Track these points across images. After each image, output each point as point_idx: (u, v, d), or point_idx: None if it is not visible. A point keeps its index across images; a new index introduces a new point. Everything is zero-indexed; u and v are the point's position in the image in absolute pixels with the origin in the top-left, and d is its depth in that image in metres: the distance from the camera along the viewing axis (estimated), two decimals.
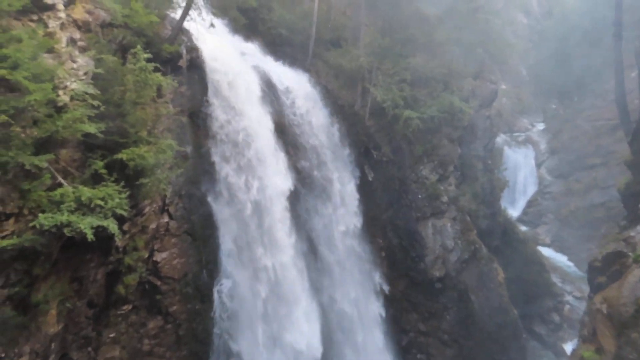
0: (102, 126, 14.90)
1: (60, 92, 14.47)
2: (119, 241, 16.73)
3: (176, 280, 19.39)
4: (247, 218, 22.62)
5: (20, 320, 13.43)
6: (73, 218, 13.12)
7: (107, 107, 15.64)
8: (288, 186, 24.47)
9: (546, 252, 44.33)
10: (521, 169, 55.46)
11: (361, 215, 28.63)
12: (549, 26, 67.66)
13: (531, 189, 54.90)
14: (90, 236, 13.18)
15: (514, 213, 50.07)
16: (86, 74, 15.79)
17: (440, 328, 28.19)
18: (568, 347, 31.93)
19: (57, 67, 14.25)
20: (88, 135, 14.66)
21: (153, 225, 18.88)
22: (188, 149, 20.76)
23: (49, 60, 14.52)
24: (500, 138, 52.14)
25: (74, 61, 15.75)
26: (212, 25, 24.35)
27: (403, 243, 28.96)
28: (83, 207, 13.61)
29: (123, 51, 18.12)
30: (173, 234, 19.70)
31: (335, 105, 29.56)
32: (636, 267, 18.18)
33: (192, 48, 22.04)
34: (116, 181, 15.00)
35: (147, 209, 18.60)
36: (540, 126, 63.54)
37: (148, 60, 16.99)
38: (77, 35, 16.49)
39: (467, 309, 28.24)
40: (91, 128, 14.34)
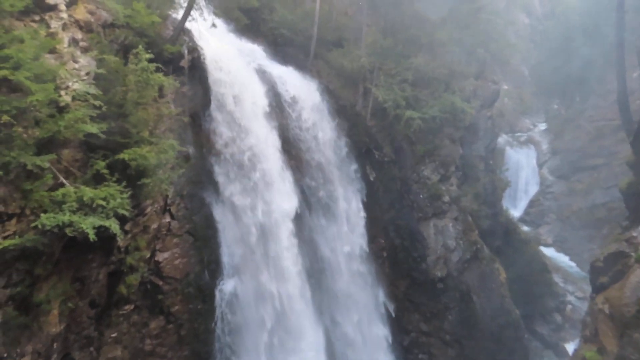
0: (104, 126, 14.92)
1: (62, 93, 14.51)
2: (121, 241, 16.75)
3: (178, 280, 19.41)
4: (253, 245, 22.08)
5: (22, 320, 13.46)
6: (75, 218, 13.14)
7: (109, 108, 15.67)
8: (294, 208, 23.89)
9: (548, 253, 44.27)
10: (523, 169, 55.39)
11: (367, 235, 28.09)
12: (551, 26, 67.57)
13: (533, 189, 54.81)
14: (92, 236, 13.19)
15: (516, 213, 50.03)
16: (88, 74, 15.83)
17: (442, 328, 28.15)
18: (570, 348, 31.84)
19: (59, 68, 14.29)
20: (90, 135, 14.68)
21: (155, 225, 18.89)
22: (190, 149, 20.78)
23: (51, 60, 14.55)
24: (502, 138, 52.13)
25: (76, 61, 15.79)
26: (214, 25, 24.37)
27: (405, 243, 28.93)
28: (85, 207, 13.63)
29: (125, 51, 18.14)
30: (175, 234, 19.72)
31: (338, 107, 29.32)
32: (638, 267, 18.16)
33: (194, 48, 22.05)
34: (118, 181, 15.03)
35: (149, 209, 18.62)
36: (542, 126, 63.46)
37: (150, 60, 17.00)
38: (79, 35, 16.53)
39: (469, 309, 28.20)
40: (93, 128, 14.36)
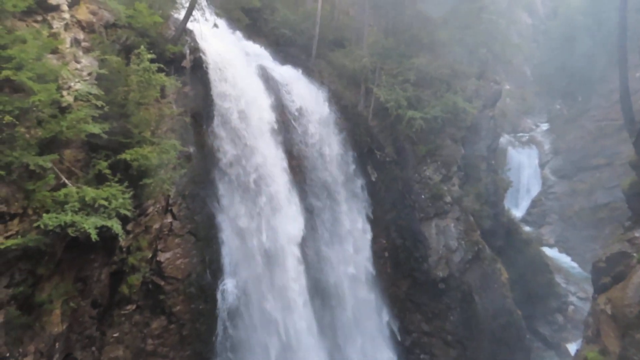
0: (106, 126, 14.95)
1: (64, 93, 14.53)
2: (123, 241, 16.78)
3: (180, 280, 19.42)
4: (260, 275, 21.75)
5: (24, 320, 13.48)
6: (77, 218, 13.16)
7: (111, 108, 15.71)
8: (300, 231, 23.47)
9: (550, 253, 44.16)
10: (525, 169, 55.23)
11: (373, 256, 27.78)
12: (553, 26, 67.40)
13: (535, 190, 54.67)
14: (94, 236, 13.21)
15: (518, 213, 49.91)
16: (90, 75, 15.86)
17: (443, 328, 28.11)
18: (572, 348, 31.76)
19: (61, 68, 14.31)
20: (92, 135, 14.72)
21: (156, 225, 18.92)
22: (191, 149, 20.81)
23: (53, 60, 14.58)
24: (504, 138, 52.00)
25: (78, 62, 15.82)
26: (216, 25, 24.36)
27: (406, 243, 28.90)
28: (87, 207, 13.65)
29: (127, 52, 18.18)
30: (176, 234, 19.73)
31: (340, 107, 29.15)
32: None
33: (196, 49, 22.07)
34: (120, 181, 15.05)
35: (151, 209, 18.64)
36: (544, 126, 63.29)
37: (152, 60, 17.05)
38: (81, 35, 16.56)
39: (471, 310, 28.15)
40: (95, 128, 14.39)
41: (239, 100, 22.56)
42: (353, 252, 27.08)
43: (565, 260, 45.50)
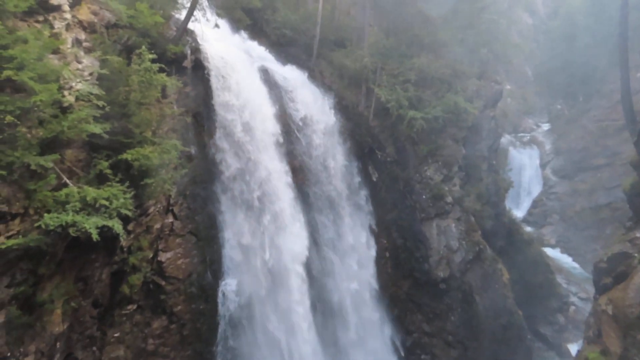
0: (107, 126, 14.97)
1: (65, 93, 14.54)
2: (124, 241, 16.80)
3: (180, 280, 19.43)
4: (264, 298, 21.44)
5: (25, 319, 13.49)
6: (78, 218, 13.17)
7: (112, 108, 15.72)
8: (305, 249, 23.04)
9: (551, 253, 44.12)
10: (526, 170, 55.25)
11: (377, 272, 27.47)
12: (554, 26, 67.34)
13: (536, 190, 54.66)
14: (95, 236, 13.22)
15: (519, 214, 49.87)
16: (91, 75, 15.87)
17: (444, 329, 28.09)
18: (573, 349, 31.75)
19: (63, 68, 14.32)
20: (93, 135, 14.73)
21: (157, 225, 18.93)
22: (192, 149, 20.82)
23: (55, 60, 14.59)
24: (505, 138, 52.01)
25: (79, 62, 15.83)
26: (217, 25, 24.43)
27: (407, 243, 28.88)
28: (88, 207, 13.66)
29: (128, 52, 18.20)
30: (177, 234, 19.74)
31: (341, 106, 29.06)
32: None
33: (197, 48, 22.08)
34: (121, 181, 15.06)
35: (152, 209, 18.66)
36: (545, 126, 63.29)
37: (153, 60, 17.07)
38: (83, 36, 16.58)
39: (472, 310, 28.13)
40: (96, 128, 14.40)
41: (243, 111, 22.04)
42: (357, 268, 26.72)
43: (566, 260, 45.48)
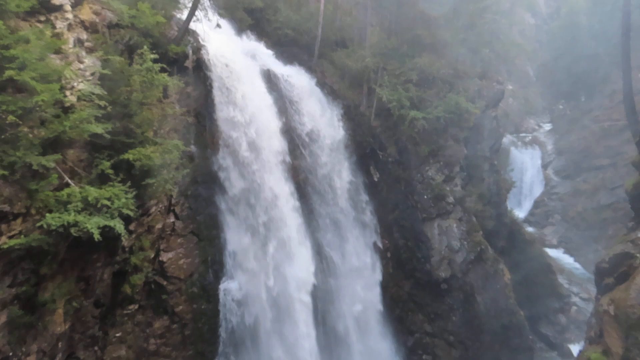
0: (109, 126, 14.99)
1: (67, 93, 14.57)
2: (125, 241, 16.83)
3: (182, 280, 19.46)
4: (268, 331, 21.06)
5: (27, 319, 13.52)
6: (80, 218, 13.19)
7: (114, 108, 15.74)
8: (311, 276, 22.49)
9: (553, 253, 44.00)
10: (528, 170, 55.15)
11: (382, 294, 27.07)
12: (556, 26, 67.10)
13: (538, 190, 54.54)
14: (96, 236, 13.24)
15: (521, 214, 49.74)
16: (93, 75, 15.89)
17: (446, 329, 28.08)
18: (575, 349, 31.70)
19: (64, 68, 14.33)
20: (95, 135, 14.75)
21: (159, 225, 18.96)
22: (194, 149, 20.82)
23: (56, 60, 14.62)
24: (506, 139, 51.92)
25: (81, 62, 15.84)
26: (219, 25, 24.41)
27: (409, 244, 28.85)
28: (90, 207, 13.68)
29: (130, 52, 18.22)
30: (179, 234, 19.76)
31: (343, 107, 28.93)
32: None
33: (199, 49, 22.09)
34: (122, 181, 15.08)
35: (153, 209, 18.68)
36: (547, 127, 63.18)
37: (154, 60, 17.09)
38: (84, 36, 16.59)
39: (473, 310, 28.10)
40: (98, 128, 14.42)
41: (249, 127, 21.52)
42: (361, 290, 26.40)
43: (568, 260, 45.37)
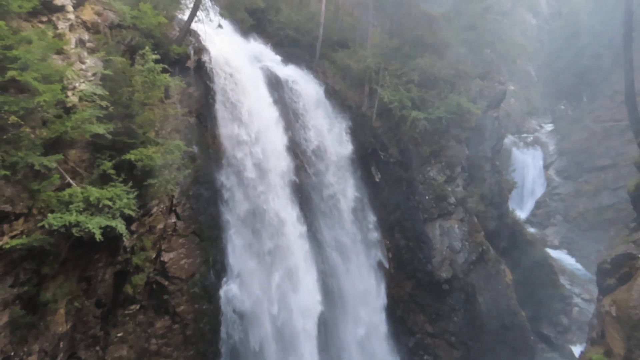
0: (111, 127, 15.02)
1: (69, 93, 14.60)
2: (127, 241, 16.84)
3: (183, 280, 19.45)
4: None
5: (29, 319, 13.55)
6: (81, 218, 13.22)
7: (116, 108, 15.77)
8: (317, 306, 21.98)
9: (554, 254, 43.89)
10: (529, 170, 55.08)
11: (387, 318, 26.73)
12: (558, 26, 67.06)
13: (539, 190, 54.47)
14: (98, 236, 13.27)
15: (522, 214, 49.66)
16: (95, 75, 15.92)
17: (447, 330, 28.04)
18: (576, 350, 31.60)
19: (66, 68, 14.37)
20: (96, 135, 14.78)
21: (160, 225, 18.96)
22: (195, 149, 20.84)
23: (58, 61, 14.65)
24: (508, 139, 51.82)
25: (83, 62, 15.88)
26: (220, 26, 24.42)
27: (410, 244, 28.83)
28: (91, 207, 13.71)
29: (131, 52, 18.24)
30: (180, 234, 19.76)
31: (350, 118, 28.85)
32: None
33: (200, 49, 22.12)
34: (124, 181, 15.11)
35: (155, 209, 18.68)
36: (548, 127, 63.09)
37: (156, 61, 17.11)
38: (86, 36, 16.62)
39: (475, 311, 28.07)
40: (99, 129, 14.45)
41: (254, 146, 21.13)
42: (365, 315, 26.10)
43: (569, 261, 45.28)
